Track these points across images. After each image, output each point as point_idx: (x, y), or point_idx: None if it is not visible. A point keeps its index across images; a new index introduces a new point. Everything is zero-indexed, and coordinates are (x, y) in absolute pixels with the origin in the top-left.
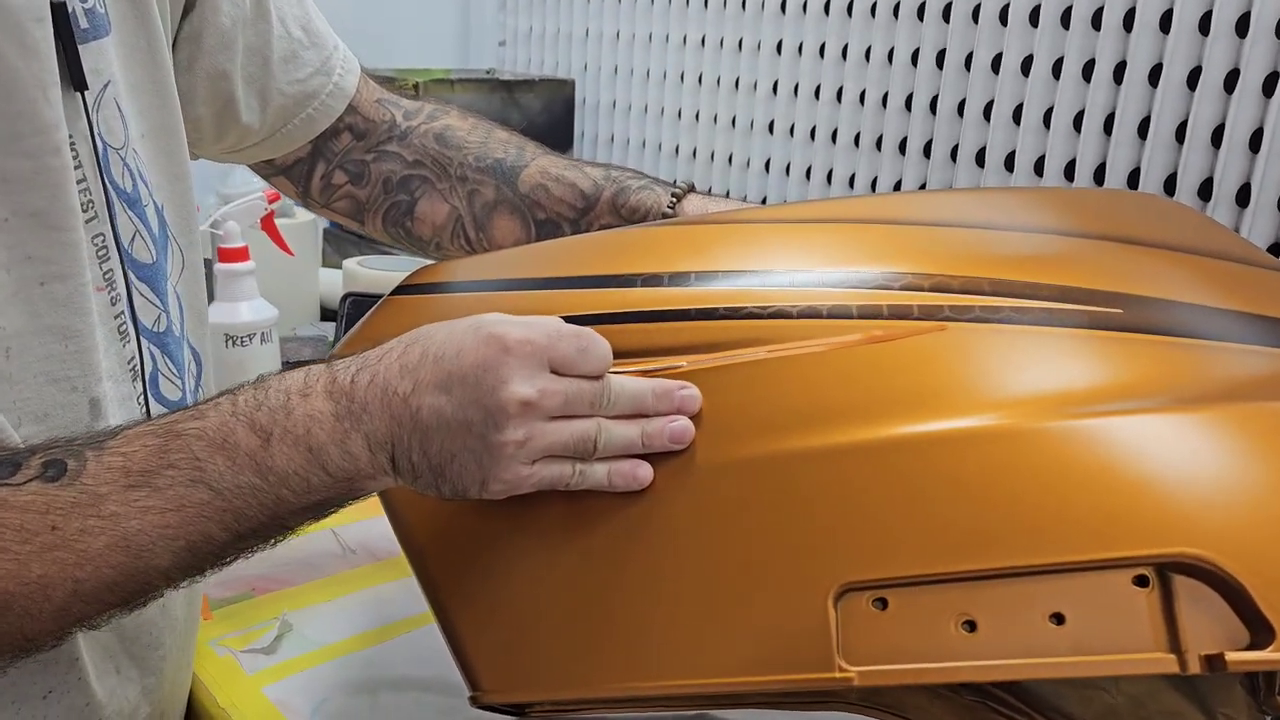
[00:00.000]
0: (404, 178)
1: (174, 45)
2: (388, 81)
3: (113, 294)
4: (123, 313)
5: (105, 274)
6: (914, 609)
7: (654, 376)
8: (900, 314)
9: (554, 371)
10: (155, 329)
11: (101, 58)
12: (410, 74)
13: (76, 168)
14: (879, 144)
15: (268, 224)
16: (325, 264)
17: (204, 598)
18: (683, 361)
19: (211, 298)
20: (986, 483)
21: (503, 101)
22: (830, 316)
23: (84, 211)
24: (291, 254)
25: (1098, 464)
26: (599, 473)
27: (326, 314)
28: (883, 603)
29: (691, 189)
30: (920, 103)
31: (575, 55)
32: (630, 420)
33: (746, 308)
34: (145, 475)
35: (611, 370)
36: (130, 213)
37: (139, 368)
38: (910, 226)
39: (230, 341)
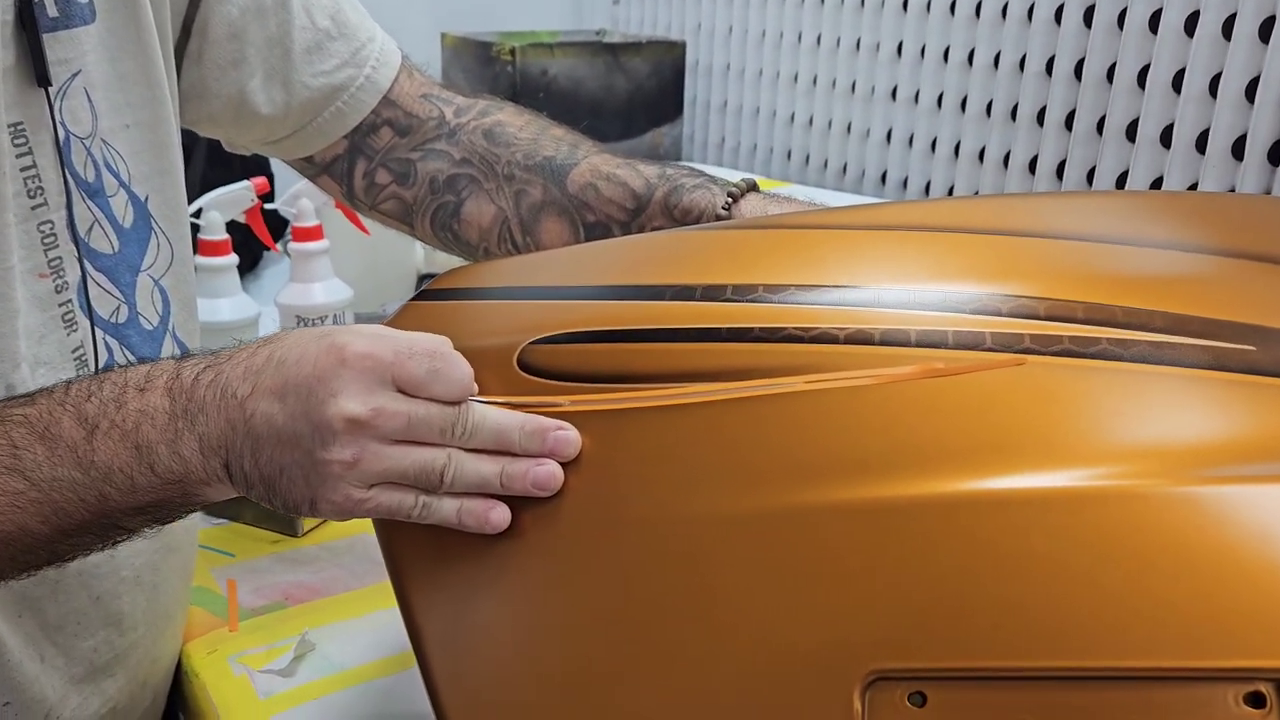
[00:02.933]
0: (451, 177)
1: (186, 36)
2: (482, 47)
3: (58, 281)
4: (69, 301)
5: (51, 261)
6: (959, 710)
7: (531, 412)
8: (968, 343)
9: (401, 391)
10: (113, 320)
11: (73, 47)
12: (510, 38)
13: (25, 154)
14: (1014, 113)
15: (253, 217)
16: None
17: (234, 606)
18: (564, 400)
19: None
20: (1068, 558)
21: (607, 66)
22: (883, 343)
23: (30, 198)
24: (367, 232)
25: (1215, 543)
26: (447, 508)
27: None
28: (921, 698)
29: (752, 188)
30: (1063, 69)
31: (689, 14)
32: (491, 456)
33: (786, 329)
34: None
35: (480, 400)
36: (90, 202)
37: (88, 358)
38: (986, 236)
39: (302, 323)
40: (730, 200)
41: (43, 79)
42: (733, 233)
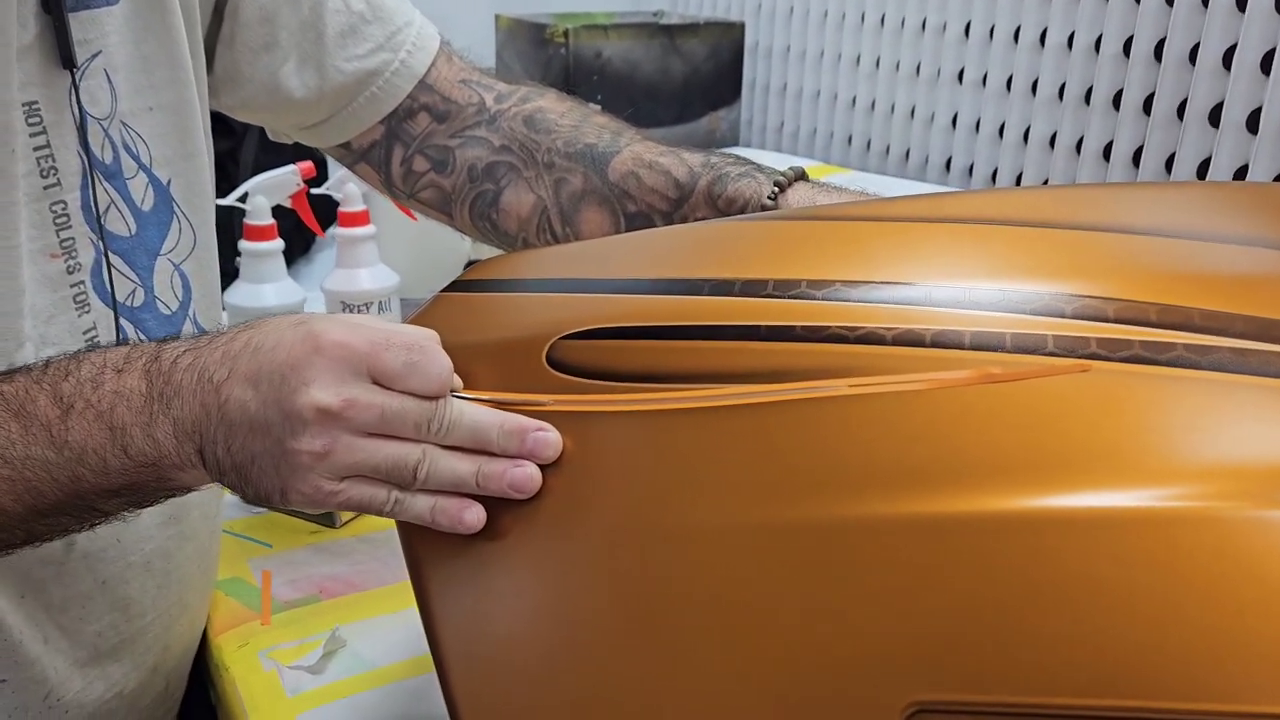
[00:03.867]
0: (489, 165)
1: (219, 21)
2: (536, 29)
3: (71, 262)
4: (82, 282)
5: (63, 241)
6: None
7: (513, 411)
8: (1029, 347)
9: (377, 384)
10: (129, 303)
11: (93, 28)
12: (565, 19)
13: (39, 134)
14: (1087, 97)
15: (299, 201)
16: None
17: (268, 599)
18: (547, 399)
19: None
20: (1138, 587)
21: (664, 48)
22: (935, 345)
23: (43, 178)
24: (414, 218)
25: None
26: (420, 505)
27: None
28: None
29: (801, 177)
30: (1142, 50)
31: None
32: (468, 455)
33: (829, 328)
34: None
35: (461, 396)
36: (108, 184)
37: (101, 341)
38: (1050, 231)
39: (347, 310)
40: (777, 190)
41: (67, 60)
42: (776, 224)
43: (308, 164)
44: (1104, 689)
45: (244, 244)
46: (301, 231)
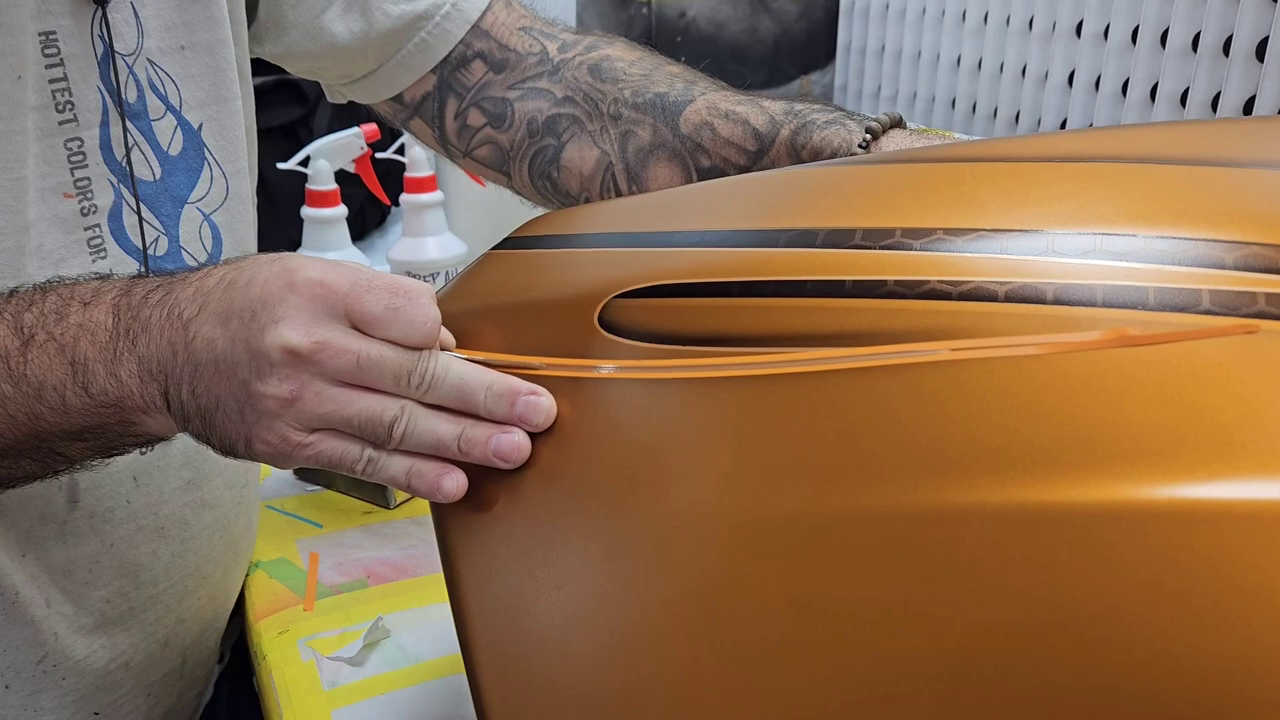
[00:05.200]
0: (551, 118)
1: None
2: None
3: (85, 203)
4: (97, 225)
5: (78, 181)
6: None
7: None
8: (1177, 304)
9: (356, 329)
10: (151, 252)
11: None
12: None
13: (55, 65)
14: (1226, 47)
15: (363, 165)
16: None
17: (313, 583)
18: (537, 361)
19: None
20: None
21: (752, 7)
22: (1058, 302)
23: (58, 112)
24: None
25: None
26: (395, 467)
27: None
28: None
29: (897, 123)
30: None
31: None
32: (451, 416)
33: (928, 282)
34: None
35: (456, 355)
36: (131, 124)
37: None
38: (1202, 168)
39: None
40: (869, 138)
41: None
42: (866, 168)
43: (371, 126)
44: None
45: (306, 210)
46: (376, 203)
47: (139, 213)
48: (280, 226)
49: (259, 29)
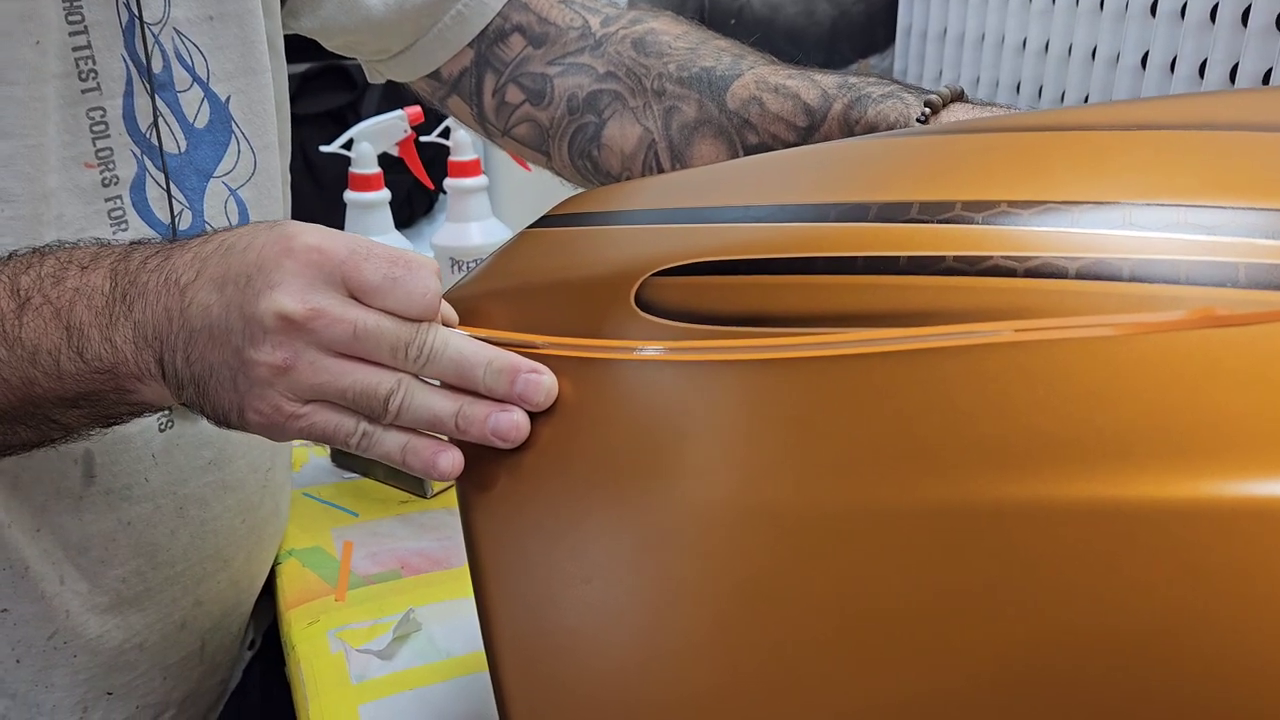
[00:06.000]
0: (592, 94)
1: None
2: None
3: (107, 174)
4: (119, 197)
5: (99, 151)
6: None
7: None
8: (1268, 281)
9: (354, 298)
10: (177, 226)
11: None
12: None
13: (79, 33)
14: None
15: (406, 149)
16: None
17: (345, 573)
18: (539, 340)
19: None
20: None
21: None
22: (1135, 279)
23: (81, 80)
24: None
25: None
26: (390, 443)
27: None
28: None
29: (959, 97)
30: None
31: None
32: (449, 392)
33: (992, 257)
34: None
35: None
36: (157, 95)
37: None
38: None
39: (455, 267)
40: (929, 111)
41: None
42: (923, 138)
43: (416, 109)
44: None
45: (349, 195)
46: (423, 190)
47: (168, 189)
48: (327, 210)
49: (295, 3)
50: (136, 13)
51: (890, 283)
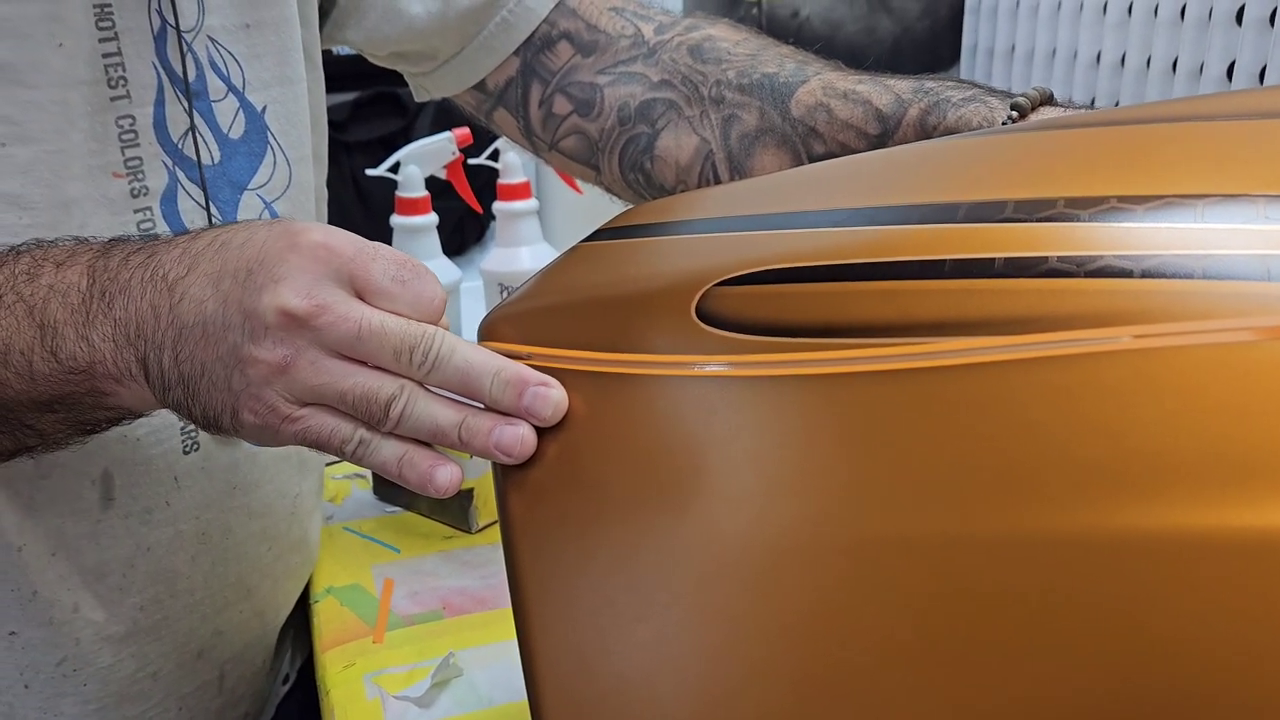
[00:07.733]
0: (645, 103)
1: None
2: None
3: (136, 185)
4: (149, 208)
5: (128, 160)
6: None
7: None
8: None
9: (359, 297)
10: None
11: None
12: None
13: (109, 40)
14: None
15: (454, 172)
16: None
17: (384, 613)
18: (522, 349)
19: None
20: None
21: (871, 6)
22: (1274, 279)
23: (111, 88)
24: (580, 190)
25: None
26: (388, 452)
27: None
28: None
29: (1048, 100)
30: None
31: None
32: (453, 403)
33: (1102, 258)
34: None
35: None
36: (187, 104)
37: None
38: None
39: (504, 292)
40: (1015, 115)
41: None
42: (1015, 135)
43: (464, 130)
44: None
45: (395, 219)
46: (475, 217)
47: (206, 203)
48: (375, 236)
49: (340, 14)
50: (169, 20)
51: (984, 286)
